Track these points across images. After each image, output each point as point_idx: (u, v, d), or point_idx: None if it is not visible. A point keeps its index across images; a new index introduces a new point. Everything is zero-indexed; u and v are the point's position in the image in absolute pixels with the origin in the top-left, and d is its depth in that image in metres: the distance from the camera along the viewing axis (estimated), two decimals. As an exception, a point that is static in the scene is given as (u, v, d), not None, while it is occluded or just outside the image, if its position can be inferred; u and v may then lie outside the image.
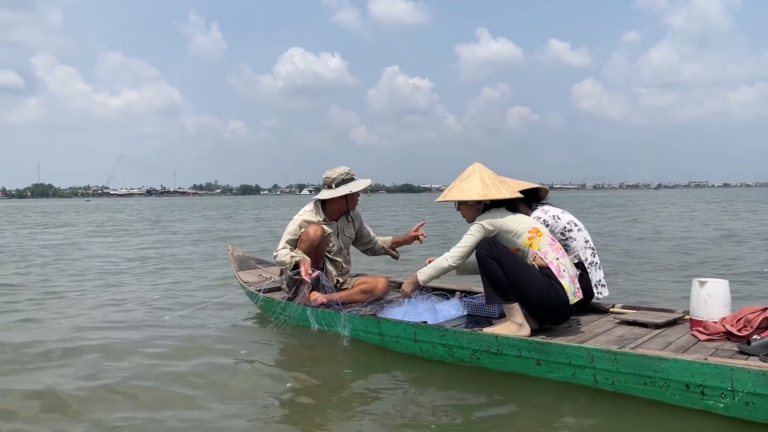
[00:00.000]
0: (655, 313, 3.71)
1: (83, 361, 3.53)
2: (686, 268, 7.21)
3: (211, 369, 3.39)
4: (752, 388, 2.43)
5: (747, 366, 2.45)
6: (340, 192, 4.20)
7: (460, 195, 3.39)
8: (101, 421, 2.64)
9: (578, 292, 3.27)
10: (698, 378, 2.55)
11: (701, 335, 3.16)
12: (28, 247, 11.71)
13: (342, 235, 4.39)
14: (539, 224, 3.36)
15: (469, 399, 2.88)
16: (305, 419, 2.78)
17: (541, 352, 3.01)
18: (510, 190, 3.38)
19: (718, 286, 3.27)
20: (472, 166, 3.51)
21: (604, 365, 2.80)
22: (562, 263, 3.24)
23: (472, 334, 3.27)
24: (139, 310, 5.08)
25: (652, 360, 2.67)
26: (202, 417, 2.70)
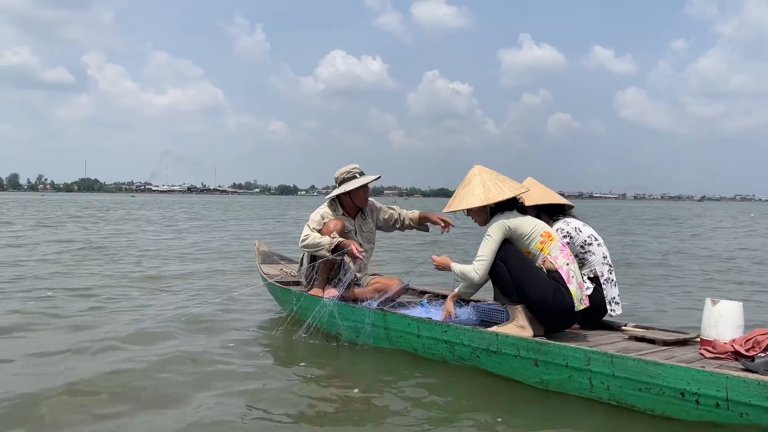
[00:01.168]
0: (667, 333, 3.62)
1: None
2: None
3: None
4: (747, 398, 2.37)
5: (743, 375, 2.40)
6: (339, 190, 4.26)
7: (462, 203, 3.37)
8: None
9: (585, 299, 3.25)
10: (693, 386, 2.51)
11: (708, 354, 3.07)
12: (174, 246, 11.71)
13: (360, 231, 4.41)
14: (551, 229, 3.34)
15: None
16: (300, 415, 2.81)
17: (539, 353, 2.99)
18: (512, 188, 3.36)
19: (730, 306, 3.18)
20: (472, 170, 3.50)
21: (601, 368, 2.78)
22: (571, 269, 3.22)
23: (473, 331, 3.28)
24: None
25: (647, 365, 2.64)
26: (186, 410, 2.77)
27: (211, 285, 6.39)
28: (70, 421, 2.58)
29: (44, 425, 2.55)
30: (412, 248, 11.13)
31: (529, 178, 4.02)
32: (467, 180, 3.47)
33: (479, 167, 3.51)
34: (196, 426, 2.59)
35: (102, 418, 2.62)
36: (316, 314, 3.98)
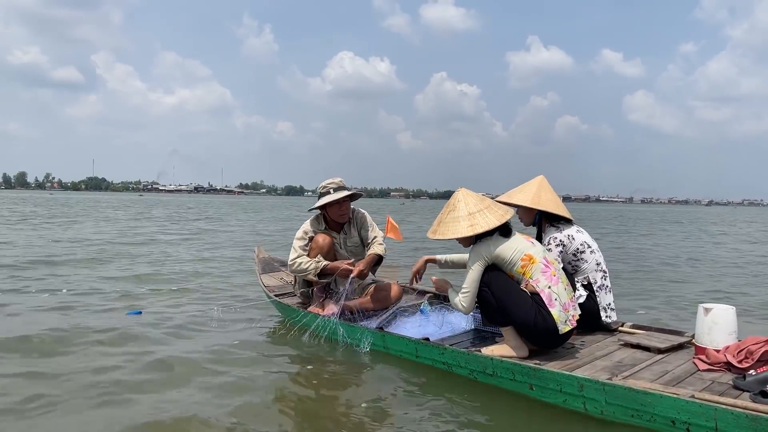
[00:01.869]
0: (663, 335, 3.69)
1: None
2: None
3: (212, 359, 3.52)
4: (736, 429, 2.41)
5: (731, 408, 2.43)
6: (314, 205, 4.33)
7: (449, 233, 3.36)
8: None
9: (572, 320, 3.25)
10: (683, 415, 2.55)
11: (701, 364, 3.13)
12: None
13: (345, 245, 4.44)
14: (533, 250, 3.30)
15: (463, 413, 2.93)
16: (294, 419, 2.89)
17: (534, 377, 3.04)
18: (497, 215, 3.34)
19: (722, 313, 3.22)
20: (456, 195, 3.48)
21: (593, 395, 2.82)
22: (554, 291, 3.21)
23: (469, 354, 3.32)
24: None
25: (638, 394, 2.67)
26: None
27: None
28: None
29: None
30: (408, 253, 11.17)
31: (541, 179, 4.04)
32: (452, 205, 3.45)
33: (464, 191, 3.49)
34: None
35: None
36: (316, 329, 4.06)
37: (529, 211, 3.95)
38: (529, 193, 3.92)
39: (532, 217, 3.97)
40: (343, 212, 4.34)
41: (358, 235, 4.50)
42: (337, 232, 4.44)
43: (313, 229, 4.41)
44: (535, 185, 3.96)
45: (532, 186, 3.97)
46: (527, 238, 3.43)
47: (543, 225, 3.95)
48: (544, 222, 3.94)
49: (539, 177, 4.03)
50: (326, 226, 4.43)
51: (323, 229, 4.41)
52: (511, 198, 3.94)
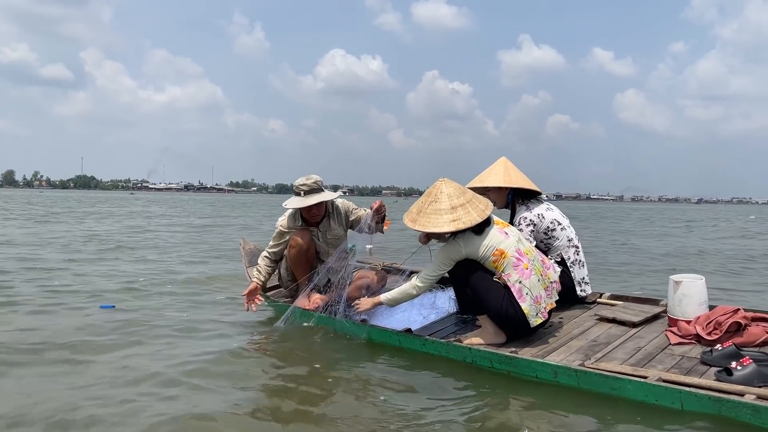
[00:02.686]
0: (639, 306, 3.81)
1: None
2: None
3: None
4: (700, 409, 2.52)
5: (695, 390, 2.54)
6: (286, 204, 4.33)
7: (429, 226, 3.34)
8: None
9: (544, 312, 3.31)
10: (651, 398, 2.65)
11: (673, 337, 3.23)
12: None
13: (324, 238, 4.45)
14: (504, 244, 3.30)
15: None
16: (284, 410, 2.91)
17: (511, 365, 3.14)
18: (479, 210, 3.33)
19: (692, 285, 3.32)
20: (438, 185, 3.45)
21: (567, 381, 2.92)
22: (524, 286, 3.25)
23: (449, 345, 3.41)
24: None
25: (609, 379, 2.77)
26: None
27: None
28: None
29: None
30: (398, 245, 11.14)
31: (504, 160, 4.11)
32: (434, 195, 3.41)
33: (446, 181, 3.46)
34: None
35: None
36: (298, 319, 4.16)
37: (501, 193, 4.01)
38: (499, 174, 3.99)
39: (504, 198, 4.03)
40: (314, 214, 4.34)
41: (339, 228, 4.50)
42: (315, 226, 4.46)
43: (289, 226, 4.42)
44: (502, 166, 4.03)
45: (498, 167, 4.04)
46: (502, 228, 3.41)
47: (515, 205, 4.02)
48: (516, 201, 4.01)
49: (502, 158, 4.09)
50: (303, 222, 4.45)
51: (300, 225, 4.42)
52: (483, 182, 3.98)
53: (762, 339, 3.05)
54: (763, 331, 3.08)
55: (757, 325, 3.12)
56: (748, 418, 2.40)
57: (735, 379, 2.60)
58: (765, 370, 2.62)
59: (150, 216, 23.34)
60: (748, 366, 2.63)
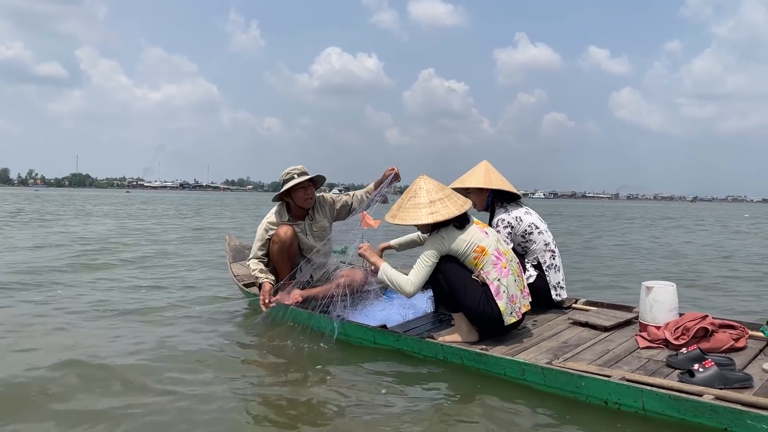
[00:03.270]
0: (612, 312, 3.84)
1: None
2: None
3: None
4: (660, 409, 2.55)
5: (656, 390, 2.56)
6: (282, 189, 4.31)
7: (409, 218, 3.41)
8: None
9: (519, 312, 3.36)
10: (614, 396, 2.68)
11: (642, 341, 3.27)
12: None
13: (311, 232, 4.47)
14: (485, 242, 3.38)
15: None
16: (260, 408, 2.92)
17: (480, 363, 3.16)
18: (457, 205, 3.41)
19: (663, 291, 3.36)
20: (417, 182, 3.54)
21: (534, 378, 2.95)
22: (502, 284, 3.30)
23: (422, 342, 3.44)
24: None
25: (573, 377, 2.80)
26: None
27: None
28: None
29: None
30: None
31: (485, 163, 4.17)
32: (413, 191, 3.50)
33: (425, 178, 3.54)
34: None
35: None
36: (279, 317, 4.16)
37: (481, 195, 4.05)
38: (479, 176, 4.05)
39: (484, 201, 4.07)
40: (309, 196, 4.37)
41: (324, 219, 4.54)
42: (302, 219, 4.49)
43: (276, 221, 4.43)
44: (483, 168, 4.09)
45: (479, 170, 4.10)
46: (482, 227, 3.49)
47: (494, 207, 4.06)
48: (495, 204, 4.05)
49: (484, 161, 4.16)
50: (290, 217, 4.49)
51: (287, 220, 4.46)
52: (463, 183, 4.04)
53: (728, 345, 3.09)
54: (729, 338, 3.11)
55: (724, 332, 3.16)
56: (706, 419, 2.42)
57: (696, 381, 2.62)
58: (727, 374, 2.65)
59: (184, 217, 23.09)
60: (709, 368, 2.65)
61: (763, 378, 2.72)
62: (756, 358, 3.00)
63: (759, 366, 2.87)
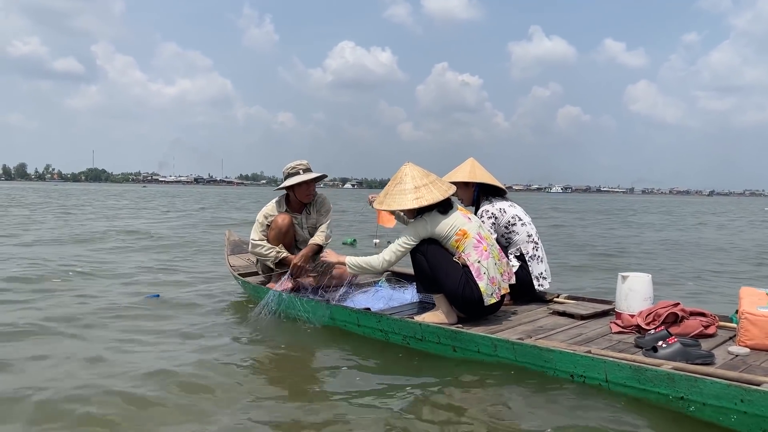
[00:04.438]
0: (591, 304, 3.92)
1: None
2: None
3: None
4: (622, 380, 2.63)
5: (617, 360, 2.65)
6: (283, 185, 4.50)
7: (395, 204, 3.54)
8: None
9: (498, 293, 3.46)
10: (579, 369, 2.76)
11: (615, 327, 3.35)
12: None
13: (306, 224, 4.65)
14: (467, 226, 3.49)
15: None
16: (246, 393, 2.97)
17: (456, 340, 3.26)
18: (442, 190, 3.53)
19: (638, 281, 3.45)
20: (403, 169, 3.65)
21: (506, 354, 3.04)
22: (482, 265, 3.41)
23: (401, 321, 3.54)
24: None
25: (542, 351, 2.89)
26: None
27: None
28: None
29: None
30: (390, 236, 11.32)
31: (471, 160, 4.31)
32: (399, 178, 3.61)
33: (410, 165, 3.65)
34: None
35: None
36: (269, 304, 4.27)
37: (467, 189, 4.18)
38: (465, 171, 4.19)
39: (470, 195, 4.19)
40: (310, 192, 4.55)
41: (318, 216, 4.69)
42: (299, 212, 4.65)
43: (274, 211, 4.61)
44: (469, 164, 4.24)
45: (465, 165, 4.24)
46: (465, 213, 3.62)
47: (480, 201, 4.17)
48: (481, 198, 4.17)
49: (470, 158, 4.30)
50: (287, 208, 4.63)
51: (284, 210, 4.61)
52: (450, 178, 4.16)
53: (697, 331, 3.16)
54: (699, 324, 3.18)
55: (695, 319, 3.23)
56: (664, 387, 2.50)
57: (659, 356, 2.71)
58: (689, 350, 2.73)
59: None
60: (673, 344, 2.74)
61: (727, 358, 2.79)
62: (724, 343, 3.07)
63: (725, 349, 2.94)
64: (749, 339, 2.89)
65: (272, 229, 4.51)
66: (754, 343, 2.88)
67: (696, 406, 2.42)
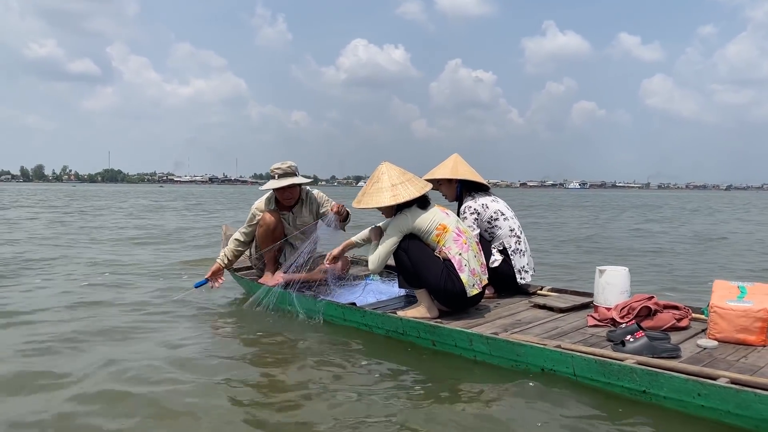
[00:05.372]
0: (573, 297, 4.00)
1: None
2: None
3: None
4: (589, 374, 2.70)
5: (584, 355, 2.72)
6: (263, 187, 4.61)
7: (372, 202, 3.64)
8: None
9: (479, 285, 3.55)
10: (549, 363, 2.84)
11: (591, 320, 3.42)
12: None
13: (294, 224, 4.71)
14: (447, 220, 3.59)
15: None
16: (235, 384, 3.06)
17: (434, 334, 3.34)
18: (418, 187, 3.63)
19: (615, 274, 3.50)
20: (380, 168, 3.75)
21: (480, 348, 3.12)
22: (464, 258, 3.50)
23: (384, 316, 3.63)
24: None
25: (514, 345, 2.97)
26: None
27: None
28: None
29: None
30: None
31: (455, 156, 4.37)
32: (376, 177, 3.71)
33: (387, 164, 3.75)
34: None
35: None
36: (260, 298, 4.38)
37: (450, 186, 4.26)
38: (447, 167, 4.26)
39: (454, 191, 4.27)
40: (288, 197, 4.58)
41: (309, 216, 4.73)
42: (287, 211, 4.73)
43: (264, 207, 4.71)
44: (452, 161, 4.31)
45: (449, 162, 4.32)
46: (443, 209, 3.71)
47: (463, 197, 4.24)
48: (464, 194, 4.24)
49: (454, 154, 4.37)
50: (276, 206, 4.72)
51: (273, 208, 4.70)
52: (433, 174, 4.25)
53: (669, 324, 3.22)
54: (671, 317, 3.24)
55: (668, 312, 3.28)
56: (627, 381, 2.56)
57: (626, 350, 2.77)
58: (656, 344, 2.78)
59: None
60: (639, 339, 2.80)
61: (694, 351, 2.85)
62: (695, 336, 3.13)
63: (695, 342, 2.99)
64: (718, 332, 2.95)
65: (260, 227, 4.60)
66: (723, 336, 2.94)
67: (657, 399, 2.50)
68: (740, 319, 2.88)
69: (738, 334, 2.90)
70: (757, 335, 2.87)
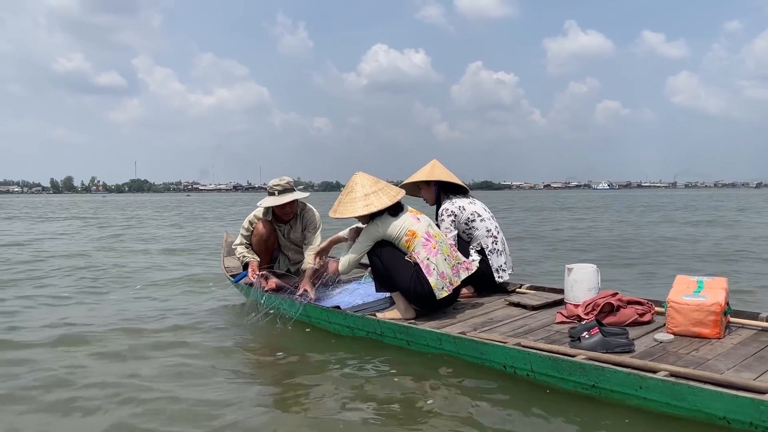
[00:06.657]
0: (547, 294, 4.14)
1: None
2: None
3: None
4: (545, 370, 2.83)
5: (539, 352, 2.85)
6: (260, 203, 4.69)
7: (346, 213, 3.81)
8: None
9: (449, 287, 3.68)
10: (509, 360, 2.97)
11: (559, 317, 3.55)
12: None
13: (287, 237, 4.89)
14: (416, 226, 3.74)
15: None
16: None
17: (408, 335, 3.50)
18: (390, 196, 3.80)
19: (582, 272, 3.62)
20: (354, 178, 3.93)
21: (449, 347, 3.27)
22: (432, 262, 3.65)
23: (363, 318, 3.79)
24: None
25: (478, 344, 3.11)
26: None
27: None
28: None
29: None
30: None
31: (434, 160, 4.53)
32: (350, 187, 3.89)
33: (361, 174, 3.93)
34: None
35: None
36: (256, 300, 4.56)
37: (429, 189, 4.43)
38: (425, 171, 4.44)
39: (433, 195, 4.43)
40: (285, 212, 4.73)
41: (301, 232, 4.89)
42: (284, 223, 4.89)
43: (260, 217, 4.87)
44: (430, 165, 4.48)
45: (427, 166, 4.49)
46: (415, 214, 3.85)
47: (441, 199, 4.40)
48: (442, 196, 4.40)
49: (432, 160, 4.54)
50: (272, 218, 4.89)
51: (269, 219, 4.87)
52: (412, 179, 4.44)
53: (632, 319, 3.34)
54: (634, 313, 3.36)
55: (631, 307, 3.39)
56: (578, 376, 2.69)
57: (581, 346, 2.90)
58: (609, 340, 2.91)
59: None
60: (594, 335, 2.92)
61: (649, 346, 2.97)
62: (655, 331, 3.24)
63: (652, 336, 3.11)
64: (675, 326, 3.07)
65: (255, 235, 4.78)
66: (680, 330, 3.06)
67: (605, 392, 2.63)
68: (694, 313, 3.00)
69: (693, 328, 3.01)
70: (711, 328, 2.98)
